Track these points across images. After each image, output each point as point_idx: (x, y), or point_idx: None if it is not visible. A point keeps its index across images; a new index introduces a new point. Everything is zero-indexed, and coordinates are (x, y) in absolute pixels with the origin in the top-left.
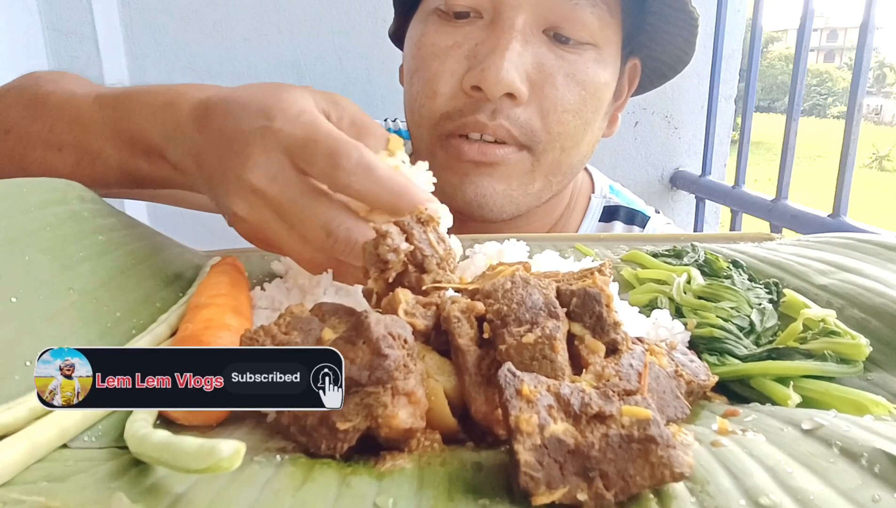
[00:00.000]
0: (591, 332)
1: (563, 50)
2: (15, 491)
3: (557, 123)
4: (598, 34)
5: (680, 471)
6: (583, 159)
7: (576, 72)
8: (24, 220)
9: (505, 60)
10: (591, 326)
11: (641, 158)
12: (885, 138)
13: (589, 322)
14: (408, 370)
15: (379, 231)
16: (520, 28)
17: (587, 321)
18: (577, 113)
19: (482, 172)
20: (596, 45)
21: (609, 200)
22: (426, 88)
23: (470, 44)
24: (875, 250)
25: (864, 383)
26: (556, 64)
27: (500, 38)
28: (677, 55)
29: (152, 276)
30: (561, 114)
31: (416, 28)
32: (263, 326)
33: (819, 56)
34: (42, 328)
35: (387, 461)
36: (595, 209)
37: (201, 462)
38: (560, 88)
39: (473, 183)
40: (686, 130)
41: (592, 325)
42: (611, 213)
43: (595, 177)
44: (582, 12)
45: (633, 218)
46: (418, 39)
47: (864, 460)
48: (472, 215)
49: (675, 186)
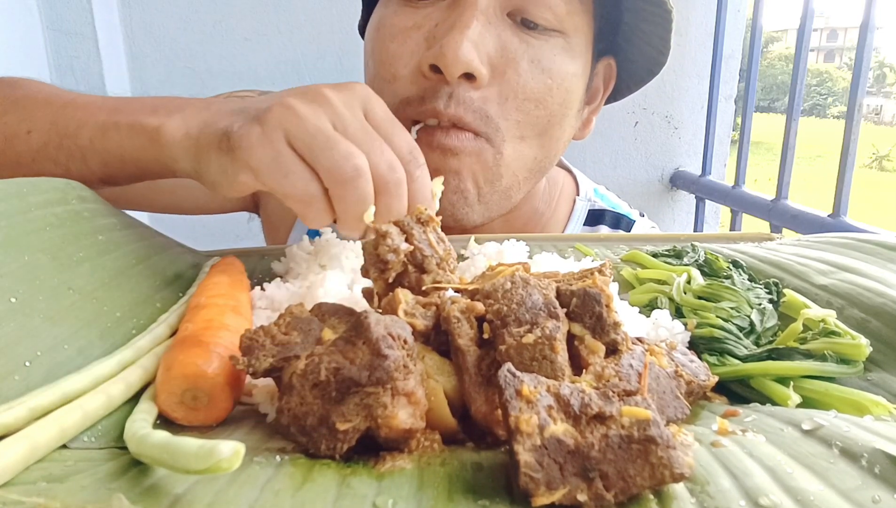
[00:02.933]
0: (591, 332)
1: (529, 35)
2: (14, 492)
3: (517, 110)
4: (567, 20)
5: (680, 472)
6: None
7: (541, 58)
8: (24, 220)
9: (464, 38)
10: (591, 326)
11: (641, 158)
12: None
13: (589, 322)
14: (408, 371)
15: (378, 231)
16: (482, 8)
17: (587, 321)
18: (540, 102)
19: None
20: (564, 33)
21: (594, 203)
22: (384, 71)
23: (430, 24)
24: (875, 250)
25: (864, 383)
26: (521, 49)
27: (460, 15)
28: (653, 56)
29: (152, 276)
30: (522, 101)
31: (377, 13)
32: (263, 326)
33: (819, 56)
34: (42, 328)
35: (386, 461)
36: (579, 213)
37: (201, 462)
38: (523, 74)
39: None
40: (686, 130)
41: (592, 325)
42: (596, 217)
43: (579, 180)
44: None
45: (618, 222)
46: (378, 22)
47: (864, 460)
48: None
49: (675, 186)
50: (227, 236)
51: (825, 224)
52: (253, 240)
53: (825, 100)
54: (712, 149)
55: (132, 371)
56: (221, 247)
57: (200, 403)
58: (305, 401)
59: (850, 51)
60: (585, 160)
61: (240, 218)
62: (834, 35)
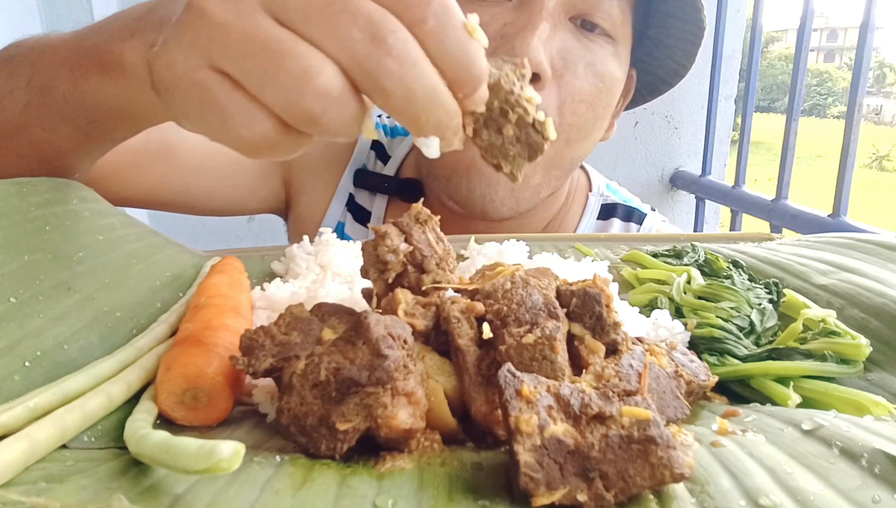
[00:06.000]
0: (591, 332)
1: (587, 39)
2: (14, 492)
3: (571, 113)
4: (619, 29)
5: (680, 472)
6: (582, 156)
7: (596, 62)
8: (24, 220)
9: (535, 38)
10: (591, 326)
11: (641, 158)
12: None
13: (589, 322)
14: (408, 371)
15: (378, 232)
16: (550, 10)
17: (587, 321)
18: (591, 105)
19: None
20: (615, 40)
21: (606, 198)
22: None
23: (497, 24)
24: (875, 250)
25: (864, 383)
26: (580, 53)
27: (530, 17)
28: (674, 69)
29: (152, 276)
30: (577, 104)
31: None
32: (263, 326)
33: (819, 56)
34: (42, 328)
35: (387, 461)
36: (593, 207)
37: (201, 462)
38: (580, 77)
39: (479, 171)
40: (686, 130)
41: (592, 325)
42: (608, 211)
43: (592, 176)
44: (610, 3)
45: (630, 215)
46: None
47: (864, 460)
48: (473, 208)
49: (675, 186)
50: (227, 236)
51: (825, 224)
52: (253, 240)
53: (825, 100)
54: (712, 149)
55: (132, 371)
56: (221, 247)
57: (200, 403)
58: (305, 401)
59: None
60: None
61: (240, 218)
62: (834, 35)
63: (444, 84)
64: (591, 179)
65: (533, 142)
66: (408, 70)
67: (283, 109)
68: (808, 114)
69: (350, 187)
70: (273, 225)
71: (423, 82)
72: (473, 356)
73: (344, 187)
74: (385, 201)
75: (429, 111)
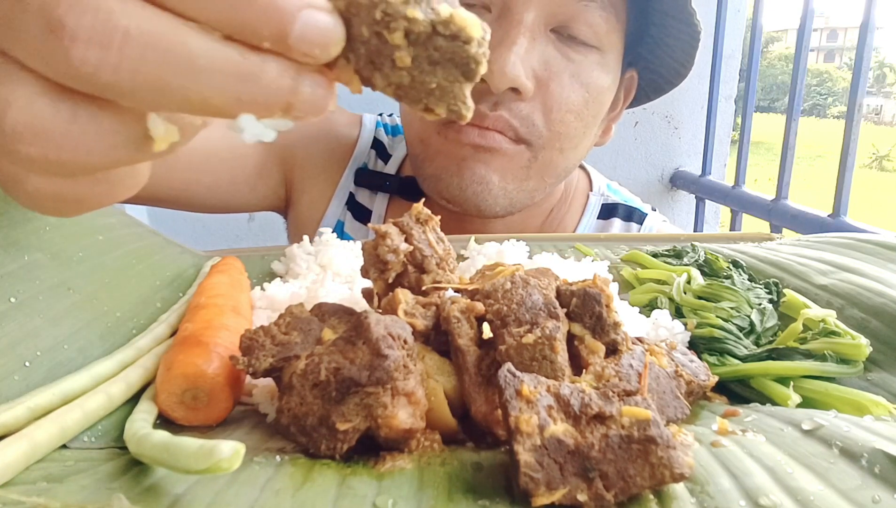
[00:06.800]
0: (591, 332)
1: (570, 50)
2: (14, 492)
3: (560, 122)
4: (604, 38)
5: (680, 472)
6: (576, 163)
7: (580, 73)
8: (24, 220)
9: (512, 54)
10: (591, 326)
11: (641, 158)
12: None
13: (589, 322)
14: (408, 371)
15: (378, 232)
16: (528, 24)
17: (587, 321)
18: (579, 115)
19: (479, 158)
20: (601, 49)
21: (607, 197)
22: None
23: None
24: (875, 250)
25: (864, 383)
26: (563, 63)
27: (507, 31)
28: (675, 69)
29: (152, 276)
30: (564, 114)
31: None
32: (263, 326)
33: (819, 56)
34: (42, 328)
35: (387, 461)
36: (593, 207)
37: (201, 462)
38: (566, 87)
39: (470, 169)
40: (686, 130)
41: (592, 325)
42: (609, 210)
43: (593, 176)
44: (591, 14)
45: (630, 215)
46: None
47: (864, 460)
48: (467, 206)
49: (675, 186)
50: (227, 236)
51: (825, 224)
52: (253, 240)
53: (825, 100)
54: (712, 149)
55: (132, 371)
56: (221, 247)
57: (200, 403)
58: (305, 401)
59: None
60: (586, 160)
61: (240, 218)
62: (834, 35)
63: (212, 41)
64: (591, 179)
65: (454, 55)
66: (115, 52)
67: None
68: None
69: (351, 186)
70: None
71: (152, 58)
72: (473, 356)
73: (344, 186)
74: (386, 199)
75: (189, 93)
